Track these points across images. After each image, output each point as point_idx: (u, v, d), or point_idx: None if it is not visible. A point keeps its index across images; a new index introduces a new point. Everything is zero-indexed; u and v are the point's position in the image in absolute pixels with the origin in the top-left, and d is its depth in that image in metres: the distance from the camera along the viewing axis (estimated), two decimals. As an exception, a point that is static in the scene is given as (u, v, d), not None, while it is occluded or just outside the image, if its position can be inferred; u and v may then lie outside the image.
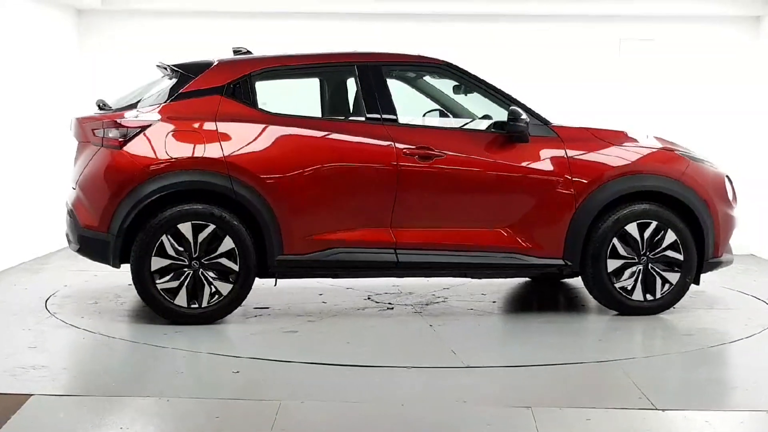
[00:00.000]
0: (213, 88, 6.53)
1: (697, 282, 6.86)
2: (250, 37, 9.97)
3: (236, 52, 7.16)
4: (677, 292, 6.78)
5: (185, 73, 6.63)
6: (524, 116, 6.52)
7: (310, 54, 7.01)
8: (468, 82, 6.88)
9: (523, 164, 6.62)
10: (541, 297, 7.74)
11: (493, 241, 6.59)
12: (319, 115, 6.98)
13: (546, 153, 6.64)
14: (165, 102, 6.51)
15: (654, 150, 6.88)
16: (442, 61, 6.93)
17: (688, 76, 10.43)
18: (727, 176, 7.03)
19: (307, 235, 6.44)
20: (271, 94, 6.77)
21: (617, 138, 6.85)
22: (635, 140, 6.93)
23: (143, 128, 6.39)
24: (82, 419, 4.48)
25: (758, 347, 6.10)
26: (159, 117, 6.44)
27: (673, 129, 9.82)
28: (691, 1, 10.24)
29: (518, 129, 6.53)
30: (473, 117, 6.97)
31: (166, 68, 6.86)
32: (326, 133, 6.57)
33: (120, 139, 6.39)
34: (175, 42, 10.38)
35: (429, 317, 6.74)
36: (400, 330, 6.46)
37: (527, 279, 7.96)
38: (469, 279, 7.16)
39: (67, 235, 6.86)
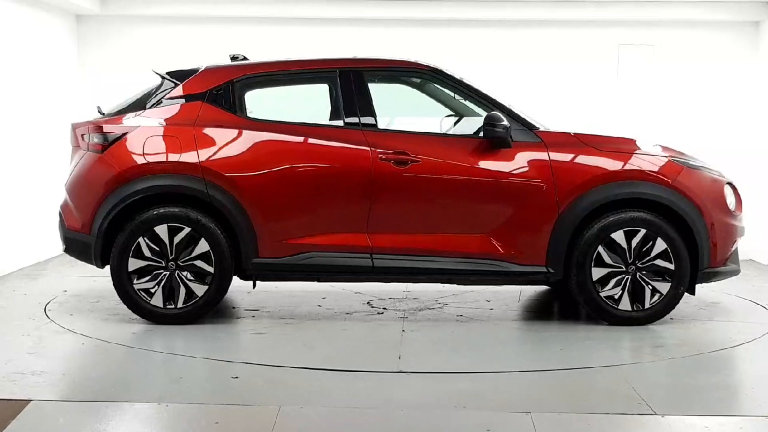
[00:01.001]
0: (195, 94, 6.70)
1: (692, 292, 6.70)
2: (248, 43, 10.04)
3: (233, 58, 7.21)
4: (668, 303, 6.60)
5: (171, 80, 6.82)
6: (504, 122, 6.43)
7: (292, 60, 7.04)
8: (453, 87, 6.82)
9: (504, 169, 6.51)
10: (546, 304, 7.71)
11: (472, 248, 6.52)
12: (303, 120, 6.85)
13: (528, 158, 6.53)
14: (149, 108, 6.72)
15: (645, 156, 6.65)
16: (426, 65, 6.87)
17: (688, 82, 10.46)
18: (729, 184, 6.81)
19: (282, 238, 6.52)
20: (254, 100, 6.84)
21: (607, 144, 6.67)
22: (627, 146, 6.74)
23: (124, 133, 6.60)
24: (81, 425, 4.47)
25: (757, 352, 6.10)
26: (140, 122, 6.64)
27: (672, 134, 9.88)
28: (690, 7, 10.26)
29: (494, 134, 6.45)
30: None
31: (158, 75, 7.00)
32: (303, 138, 6.63)
33: (102, 144, 6.61)
34: (173, 48, 10.41)
35: (410, 323, 6.74)
36: (363, 334, 6.47)
37: (546, 287, 7.89)
38: (485, 286, 7.11)
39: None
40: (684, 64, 10.44)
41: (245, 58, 7.23)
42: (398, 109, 7.47)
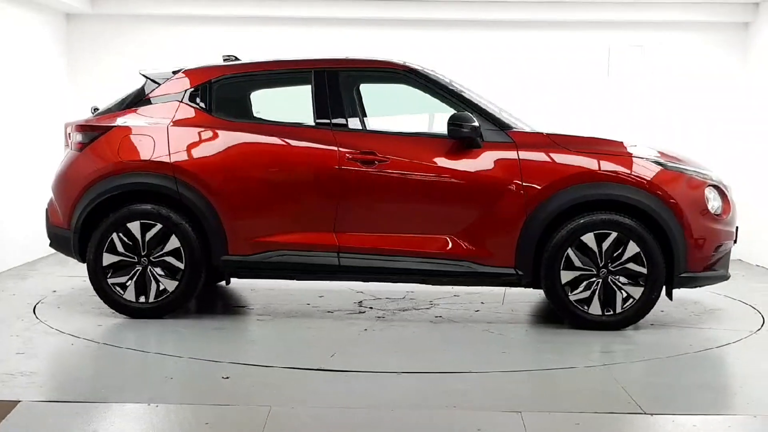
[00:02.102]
0: (173, 94, 6.88)
1: (669, 297, 6.59)
2: (240, 43, 10.05)
3: (226, 59, 7.25)
4: (640, 308, 6.43)
5: (153, 81, 7.00)
6: (472, 122, 6.37)
7: (269, 61, 7.11)
8: (427, 87, 6.75)
9: (472, 169, 6.45)
10: (534, 306, 7.73)
11: (440, 248, 6.49)
12: (276, 120, 6.91)
13: (497, 158, 6.44)
14: (129, 107, 6.94)
15: (618, 157, 6.46)
16: (402, 65, 6.84)
17: (678, 83, 10.49)
18: (714, 186, 6.59)
19: (251, 236, 6.61)
20: (230, 101, 6.94)
21: (581, 144, 6.52)
22: (603, 147, 6.55)
23: (102, 133, 6.83)
24: (70, 425, 4.47)
25: (745, 352, 6.13)
26: (118, 122, 6.86)
27: (663, 134, 9.92)
28: (680, 8, 10.30)
29: (460, 134, 6.41)
30: None
31: (143, 76, 7.16)
32: (273, 138, 6.68)
33: (82, 143, 6.87)
34: (164, 48, 10.41)
35: (382, 323, 6.76)
36: (321, 332, 6.52)
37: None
38: (490, 288, 7.08)
39: None
40: (674, 65, 10.48)
41: (237, 59, 7.25)
42: (388, 108, 7.46)
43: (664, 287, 6.49)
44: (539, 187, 6.39)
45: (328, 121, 6.65)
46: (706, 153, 9.41)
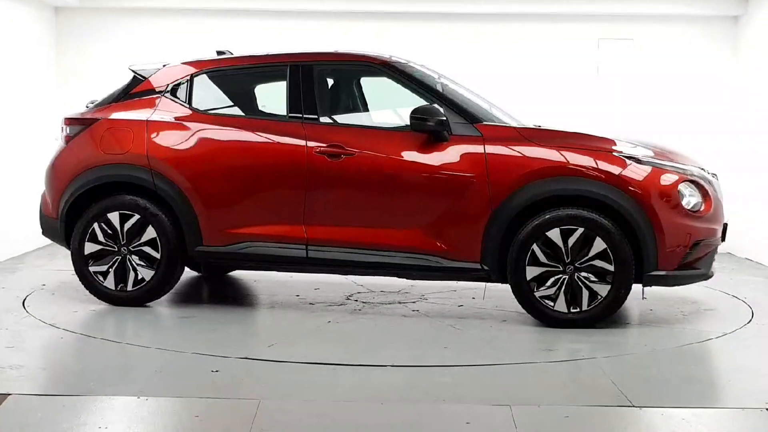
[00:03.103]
0: (156, 88, 7.05)
1: (642, 296, 6.47)
2: (231, 36, 10.04)
3: (219, 53, 7.34)
4: (607, 306, 6.25)
5: (138, 75, 7.18)
6: (438, 115, 6.31)
7: (249, 55, 7.22)
8: (400, 80, 6.73)
9: (437, 163, 6.38)
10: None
11: (406, 242, 6.45)
12: (251, 114, 7.07)
13: (464, 152, 6.37)
14: (116, 101, 7.14)
15: (588, 151, 6.27)
16: (376, 58, 6.85)
17: (667, 76, 10.52)
18: (691, 181, 6.35)
19: (223, 228, 6.74)
20: (210, 95, 7.08)
21: (550, 138, 6.39)
22: (573, 140, 6.37)
23: (87, 126, 7.07)
24: (60, 419, 4.46)
25: (734, 345, 6.15)
26: (102, 116, 7.07)
27: (652, 127, 9.95)
28: (670, 1, 10.33)
29: (423, 128, 6.37)
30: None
31: (131, 71, 7.34)
32: (246, 131, 6.75)
33: (69, 135, 7.13)
34: (154, 41, 10.39)
35: (352, 315, 6.78)
36: (280, 323, 6.63)
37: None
38: (491, 285, 7.03)
39: None
40: (663, 58, 10.49)
41: (230, 53, 7.34)
42: (368, 102, 7.44)
43: (633, 285, 6.29)
44: (504, 182, 6.29)
45: (300, 114, 6.70)
46: (695, 146, 9.41)
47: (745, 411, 4.68)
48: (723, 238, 6.62)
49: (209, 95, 7.06)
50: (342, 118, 7.09)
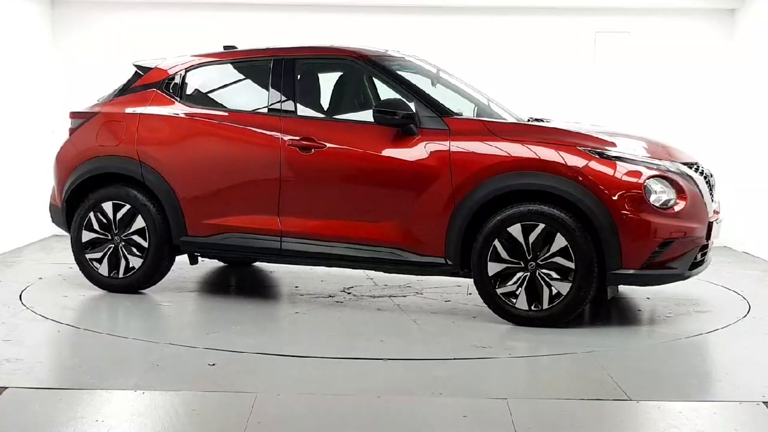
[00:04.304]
0: (152, 83, 7.29)
1: (604, 296, 6.35)
2: (231, 29, 10.03)
3: (226, 48, 7.47)
4: (569, 304, 6.07)
5: (138, 71, 7.46)
6: (404, 109, 6.30)
7: (239, 50, 7.37)
8: (374, 73, 6.78)
9: (403, 157, 6.35)
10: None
11: (375, 236, 6.45)
12: (236, 108, 7.07)
13: (429, 146, 6.31)
14: (118, 96, 7.42)
15: (552, 145, 6.09)
16: (352, 52, 6.85)
17: (664, 69, 10.51)
18: (662, 176, 6.05)
19: (205, 218, 6.94)
20: (198, 90, 7.24)
21: (516, 132, 6.30)
22: (543, 135, 6.23)
23: (87, 119, 7.40)
24: (57, 412, 4.46)
25: (731, 338, 6.16)
26: (102, 109, 7.38)
27: (648, 120, 9.94)
28: (667, -6, 10.32)
29: (385, 121, 6.36)
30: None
31: (134, 66, 7.60)
32: (225, 124, 6.93)
33: (72, 128, 7.52)
34: (152, 33, 10.35)
35: (328, 308, 6.79)
36: (253, 312, 6.68)
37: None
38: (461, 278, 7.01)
39: None
40: (660, 51, 10.49)
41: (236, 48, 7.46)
42: (349, 96, 7.41)
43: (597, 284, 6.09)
44: (467, 176, 6.21)
45: (279, 108, 6.82)
46: (691, 139, 9.44)
47: (742, 404, 4.69)
48: (708, 236, 6.30)
49: (199, 90, 7.23)
50: (320, 112, 7.04)
